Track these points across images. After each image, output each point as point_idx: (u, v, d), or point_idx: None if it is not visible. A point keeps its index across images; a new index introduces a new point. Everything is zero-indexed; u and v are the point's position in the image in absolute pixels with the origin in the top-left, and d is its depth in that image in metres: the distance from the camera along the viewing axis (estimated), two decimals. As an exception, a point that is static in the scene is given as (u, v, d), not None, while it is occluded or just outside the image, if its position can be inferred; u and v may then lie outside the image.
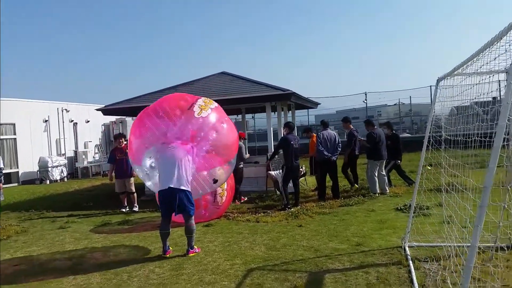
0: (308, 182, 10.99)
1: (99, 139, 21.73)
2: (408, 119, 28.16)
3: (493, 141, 2.40)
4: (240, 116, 16.52)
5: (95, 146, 21.11)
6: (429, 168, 6.09)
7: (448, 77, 4.72)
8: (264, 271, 4.67)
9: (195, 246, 5.63)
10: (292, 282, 4.28)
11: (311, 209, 7.77)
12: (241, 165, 9.16)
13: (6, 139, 16.30)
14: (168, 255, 5.49)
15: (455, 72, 4.41)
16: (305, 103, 12.67)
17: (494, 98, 3.98)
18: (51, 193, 13.22)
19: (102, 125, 21.79)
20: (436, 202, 6.84)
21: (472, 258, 2.38)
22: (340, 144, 9.03)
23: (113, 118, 21.04)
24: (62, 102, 19.48)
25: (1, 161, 8.47)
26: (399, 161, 9.80)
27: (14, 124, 16.61)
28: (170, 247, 5.68)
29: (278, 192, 9.31)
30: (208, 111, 6.12)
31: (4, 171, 8.62)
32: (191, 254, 5.47)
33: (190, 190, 5.53)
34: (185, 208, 5.44)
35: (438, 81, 5.05)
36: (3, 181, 8.57)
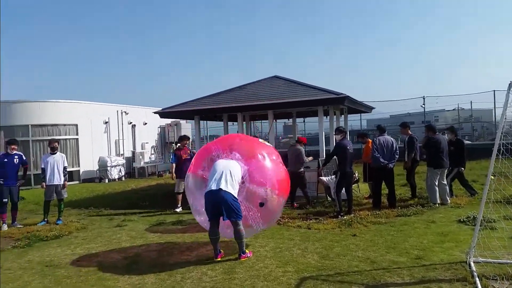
0: (361, 189, 10.65)
1: (155, 140, 22.54)
2: (468, 125, 26.57)
3: None
4: (290, 120, 16.42)
5: (152, 147, 21.90)
6: (492, 177, 5.64)
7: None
8: (318, 280, 4.52)
9: (246, 251, 5.60)
10: (347, 294, 4.12)
11: (365, 218, 7.49)
12: (302, 169, 9.07)
13: (69, 139, 17.33)
14: (219, 258, 5.49)
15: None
16: (358, 107, 12.30)
17: None
18: (109, 191, 13.84)
19: (158, 127, 22.59)
20: (504, 215, 6.34)
21: None
22: (397, 151, 8.63)
23: (168, 120, 21.74)
24: (121, 104, 20.41)
25: (66, 160, 8.98)
26: (463, 169, 9.22)
27: (76, 125, 17.62)
28: (222, 250, 5.67)
29: (329, 199, 9.09)
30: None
31: (67, 169, 9.11)
32: (243, 259, 5.44)
33: (237, 196, 5.46)
34: (231, 212, 5.35)
35: (511, 85, 4.67)
36: (67, 179, 9.07)
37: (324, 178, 9.03)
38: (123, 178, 18.33)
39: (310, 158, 9.39)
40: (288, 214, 8.19)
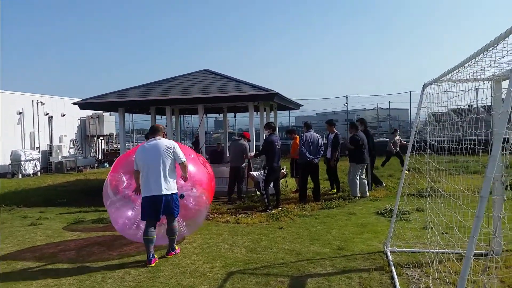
0: (289, 183, 10.93)
1: (75, 133, 21.17)
2: (386, 123, 28.53)
3: (490, 148, 2.34)
4: (221, 115, 16.35)
5: (71, 140, 20.56)
6: (407, 172, 6.08)
7: (435, 83, 4.73)
8: (245, 274, 4.54)
9: (176, 247, 5.45)
10: (274, 287, 4.17)
11: (292, 211, 7.69)
12: (244, 165, 9.08)
13: (-24, 130, 15.65)
14: (153, 264, 4.99)
15: (442, 79, 4.43)
16: (288, 104, 12.60)
17: (470, 105, 4.01)
18: (23, 187, 12.75)
19: (78, 119, 21.23)
20: (416, 207, 6.88)
21: (467, 269, 2.31)
22: (322, 147, 8.99)
23: (90, 112, 20.53)
24: (37, 94, 18.86)
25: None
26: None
27: (-15, 115, 15.96)
28: (156, 255, 5.18)
29: (258, 193, 9.20)
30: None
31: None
32: (170, 256, 5.28)
33: (176, 191, 5.21)
34: (170, 210, 5.13)
35: (424, 86, 5.05)
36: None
37: (253, 173, 9.12)
38: (39, 173, 17.00)
39: (252, 153, 9.43)
40: (217, 210, 8.15)
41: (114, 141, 22.89)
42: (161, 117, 13.83)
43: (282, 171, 9.65)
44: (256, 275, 4.50)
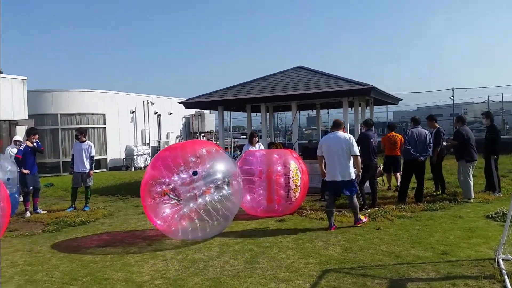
0: (385, 182, 10.48)
1: (180, 130, 22.84)
2: (498, 118, 25.69)
3: None
4: (314, 112, 16.26)
5: (176, 137, 22.21)
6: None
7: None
8: (340, 273, 4.49)
9: (361, 218, 6.53)
10: (370, 288, 4.07)
11: (390, 212, 7.37)
12: None
13: (97, 128, 17.76)
14: (333, 230, 6.28)
15: None
16: (385, 99, 12.05)
17: None
18: (135, 179, 14.11)
19: (183, 117, 22.87)
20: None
21: None
22: (431, 144, 8.40)
23: (193, 111, 21.95)
24: (148, 95, 20.74)
25: (93, 149, 9.19)
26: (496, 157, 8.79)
27: (104, 114, 18.03)
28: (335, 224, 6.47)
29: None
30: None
31: (94, 158, 9.31)
32: (358, 225, 6.41)
33: (353, 178, 6.44)
34: (348, 191, 6.44)
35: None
36: (93, 168, 9.28)
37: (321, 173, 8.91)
38: (149, 167, 18.68)
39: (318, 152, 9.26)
40: (311, 206, 8.16)
41: (214, 138, 24.19)
42: (256, 115, 14.24)
43: (379, 168, 9.28)
44: (352, 275, 4.43)
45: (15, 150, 8.89)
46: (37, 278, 4.71)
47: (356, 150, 6.42)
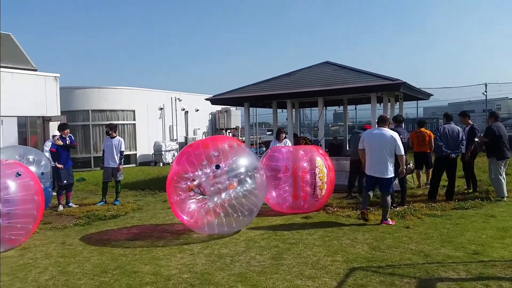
0: (415, 180, 10.25)
1: (207, 126, 23.06)
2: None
3: None
4: (341, 108, 16.06)
5: (203, 133, 22.44)
6: None
7: None
8: (368, 272, 4.43)
9: (389, 220, 6.38)
10: None
11: (419, 210, 7.20)
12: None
13: (127, 124, 18.16)
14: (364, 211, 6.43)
15: None
16: (415, 94, 11.75)
17: None
18: (163, 175, 14.35)
19: (209, 113, 23.08)
20: None
21: None
22: (463, 141, 8.15)
23: (219, 107, 22.12)
24: (175, 92, 21.04)
25: (123, 144, 9.40)
26: None
27: (134, 111, 18.41)
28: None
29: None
30: None
31: (124, 153, 9.52)
32: (384, 224, 6.28)
33: (392, 175, 6.38)
34: (385, 188, 6.40)
35: None
36: (123, 163, 9.50)
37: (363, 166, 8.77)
38: (176, 163, 18.97)
39: (359, 146, 9.12)
40: (337, 204, 8.09)
41: (239, 134, 24.30)
42: (282, 111, 14.21)
43: (409, 166, 9.08)
44: (379, 274, 4.36)
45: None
46: (70, 269, 4.87)
47: (402, 149, 6.34)
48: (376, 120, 7.23)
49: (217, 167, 5.84)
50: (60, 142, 8.73)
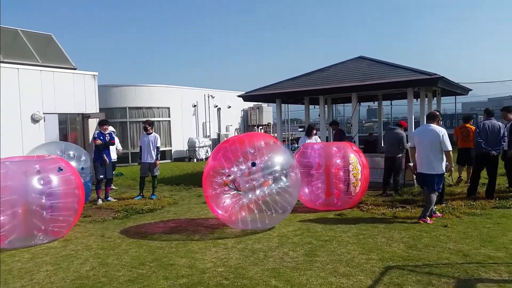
0: (454, 177, 9.92)
1: (239, 123, 23.22)
2: None
3: None
4: (375, 103, 15.74)
5: (235, 129, 22.62)
6: None
7: None
8: (404, 271, 4.35)
9: (427, 218, 6.23)
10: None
11: (458, 208, 6.98)
12: (401, 155, 8.71)
13: (162, 121, 18.56)
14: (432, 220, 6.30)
15: None
16: (454, 89, 11.37)
17: None
18: (197, 170, 14.60)
19: (241, 110, 23.22)
20: None
21: None
22: (505, 138, 7.81)
23: (251, 104, 22.20)
24: (208, 89, 21.30)
25: (159, 140, 9.63)
26: None
27: (169, 108, 18.79)
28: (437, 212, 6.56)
29: (417, 186, 8.61)
30: None
31: (160, 149, 9.75)
32: (421, 222, 6.19)
33: (442, 172, 6.29)
34: (431, 186, 6.26)
35: None
36: (159, 158, 9.73)
37: (413, 165, 8.55)
38: (209, 159, 19.24)
39: (410, 143, 8.90)
40: (372, 201, 7.96)
41: (271, 130, 24.31)
42: (314, 107, 14.09)
43: (446, 163, 8.80)
44: (416, 273, 4.27)
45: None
46: (109, 261, 5.06)
47: (448, 145, 6.22)
48: (425, 116, 7.16)
49: (253, 164, 5.88)
50: (99, 142, 9.04)
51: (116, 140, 10.51)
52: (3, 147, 10.51)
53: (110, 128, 9.76)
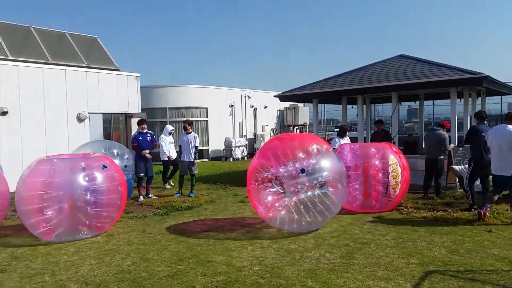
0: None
1: (275, 123, 23.24)
2: None
3: None
4: (416, 103, 15.29)
5: (271, 129, 22.66)
6: None
7: None
8: (445, 276, 4.22)
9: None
10: (480, 294, 3.76)
11: (503, 213, 6.67)
12: (443, 157, 8.44)
13: (200, 120, 18.91)
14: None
15: None
16: (499, 89, 10.86)
17: None
18: (233, 169, 14.78)
19: (277, 110, 23.23)
20: None
21: None
22: None
23: (287, 104, 22.16)
24: (245, 89, 21.47)
25: (198, 139, 9.83)
26: None
27: (206, 108, 19.12)
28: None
29: (460, 190, 8.30)
30: None
31: (198, 148, 9.96)
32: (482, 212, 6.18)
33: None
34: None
35: None
36: (197, 157, 9.93)
37: (456, 167, 8.26)
38: (245, 158, 19.38)
39: (452, 145, 8.61)
40: (412, 204, 7.75)
41: (307, 130, 24.15)
42: (352, 107, 13.89)
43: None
44: (458, 279, 4.13)
45: (168, 138, 10.84)
46: (149, 256, 5.23)
47: None
48: (504, 116, 7.05)
49: (303, 171, 5.83)
50: (149, 156, 9.44)
51: (172, 146, 11.11)
52: (50, 145, 11.10)
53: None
